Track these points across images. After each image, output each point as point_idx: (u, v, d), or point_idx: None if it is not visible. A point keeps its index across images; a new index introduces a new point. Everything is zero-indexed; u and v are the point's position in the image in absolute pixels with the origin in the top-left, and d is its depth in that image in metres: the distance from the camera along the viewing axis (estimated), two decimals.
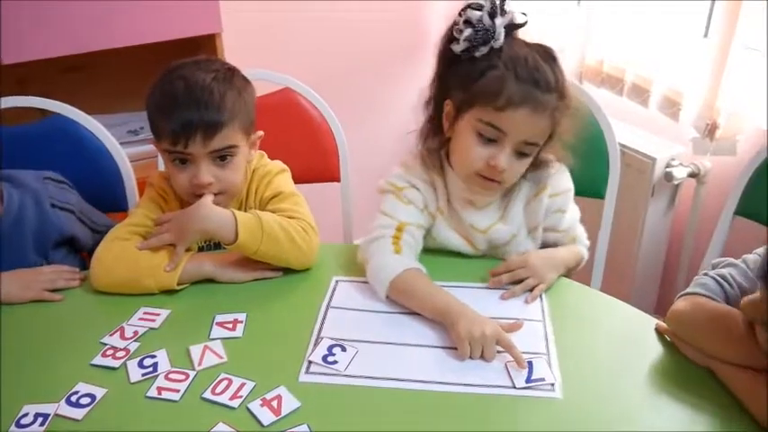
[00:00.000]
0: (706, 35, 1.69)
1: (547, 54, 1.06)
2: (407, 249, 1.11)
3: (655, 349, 0.96)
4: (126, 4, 1.59)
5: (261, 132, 1.21)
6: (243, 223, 1.08)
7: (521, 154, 1.07)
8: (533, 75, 1.02)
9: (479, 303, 1.04)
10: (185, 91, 1.09)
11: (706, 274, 0.95)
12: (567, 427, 0.84)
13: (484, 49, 1.04)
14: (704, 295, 0.91)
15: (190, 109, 1.07)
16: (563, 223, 1.21)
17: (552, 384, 0.90)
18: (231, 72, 1.16)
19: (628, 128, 1.86)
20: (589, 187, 1.52)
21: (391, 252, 1.10)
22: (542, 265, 1.10)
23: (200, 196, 1.12)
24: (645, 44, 1.78)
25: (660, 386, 0.90)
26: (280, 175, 1.23)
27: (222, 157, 1.12)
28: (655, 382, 0.91)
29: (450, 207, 1.18)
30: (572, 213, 1.24)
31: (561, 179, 1.20)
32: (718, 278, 0.93)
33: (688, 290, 0.95)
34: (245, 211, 1.20)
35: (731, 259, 0.95)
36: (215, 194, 1.13)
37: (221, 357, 0.96)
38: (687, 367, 0.92)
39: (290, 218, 1.14)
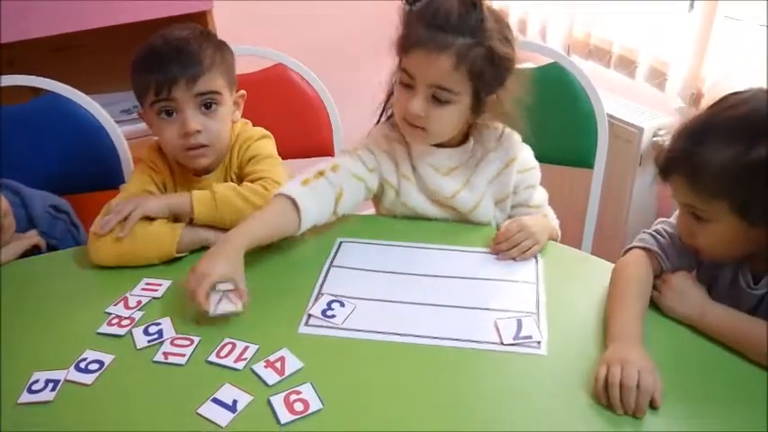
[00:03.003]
0: (691, 7, 1.71)
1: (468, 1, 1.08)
2: (317, 186, 1.12)
3: None
4: None
5: (243, 92, 1.24)
6: (197, 198, 1.12)
7: (437, 100, 1.09)
8: (437, 18, 1.06)
9: (477, 266, 1.10)
10: (164, 45, 1.12)
11: (645, 232, 1.07)
12: (550, 381, 0.88)
13: (420, 4, 1.09)
14: (641, 247, 1.04)
15: (171, 59, 1.11)
16: (533, 200, 1.26)
17: (539, 342, 0.94)
18: (207, 32, 1.20)
19: (615, 99, 1.89)
20: (578, 158, 1.55)
21: (298, 182, 1.11)
22: (537, 228, 1.14)
23: (190, 150, 1.14)
24: (631, 16, 1.81)
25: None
26: (261, 140, 1.25)
27: (207, 104, 1.14)
28: None
29: (416, 174, 1.21)
30: (541, 193, 1.29)
31: (528, 157, 1.25)
32: (653, 233, 1.06)
33: (631, 245, 1.06)
34: (230, 175, 1.23)
35: (664, 218, 1.08)
36: (202, 146, 1.15)
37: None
38: (670, 327, 0.96)
39: (258, 178, 1.16)
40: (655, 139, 1.79)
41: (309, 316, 1.00)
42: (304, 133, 1.61)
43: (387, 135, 1.22)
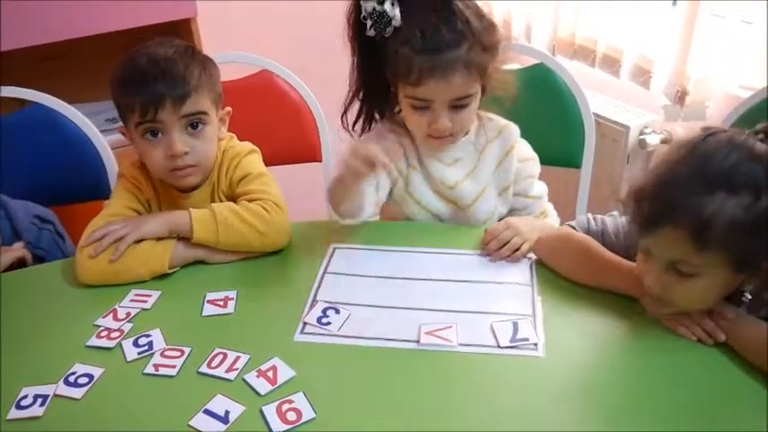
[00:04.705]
0: (674, 3, 1.72)
1: (444, 6, 1.08)
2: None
3: (634, 310, 0.99)
4: None
5: (229, 108, 1.22)
6: (197, 218, 1.10)
7: (458, 107, 1.12)
8: (431, 43, 1.07)
9: (472, 270, 1.10)
10: (149, 64, 1.09)
11: (587, 215, 1.09)
12: (547, 383, 0.88)
13: (390, 30, 1.09)
14: (570, 226, 1.07)
15: (156, 79, 1.08)
16: (533, 189, 1.28)
17: (535, 344, 0.94)
18: (191, 48, 1.17)
19: (601, 98, 1.90)
20: (566, 157, 1.56)
21: None
22: (524, 226, 1.14)
23: (176, 170, 1.13)
24: (615, 15, 1.82)
25: (639, 346, 0.93)
26: (249, 156, 1.23)
27: (194, 125, 1.12)
28: (634, 342, 0.94)
29: (422, 166, 1.23)
30: (541, 186, 1.31)
31: (526, 148, 1.27)
32: (590, 216, 1.08)
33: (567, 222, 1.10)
34: (217, 193, 1.21)
35: (615, 213, 1.08)
36: (189, 167, 1.13)
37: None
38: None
39: (256, 199, 1.14)
40: (641, 137, 1.80)
41: (305, 324, 0.99)
42: (291, 139, 1.60)
43: (393, 130, 1.24)
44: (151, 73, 1.08)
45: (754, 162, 0.81)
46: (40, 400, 0.87)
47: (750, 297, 0.90)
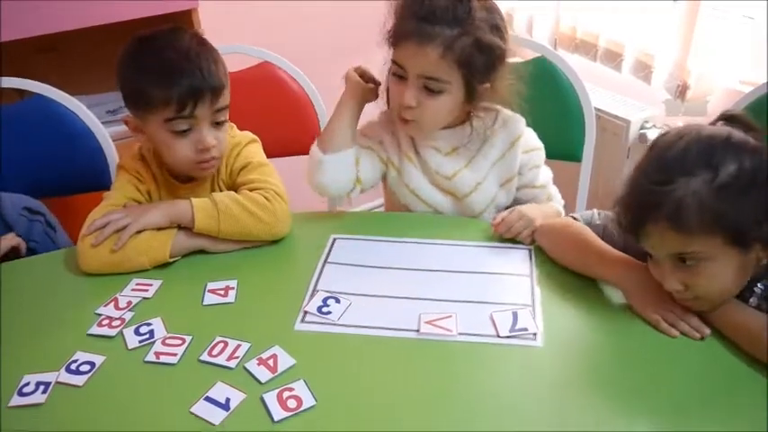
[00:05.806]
0: None
1: None
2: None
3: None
4: None
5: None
6: (198, 207, 1.11)
7: (429, 90, 1.13)
8: (425, 13, 1.10)
9: (471, 260, 1.11)
10: (181, 58, 1.09)
11: (593, 209, 1.11)
12: (546, 373, 0.88)
13: None
14: (573, 217, 1.09)
15: (194, 74, 1.08)
16: (539, 179, 1.29)
17: (534, 334, 0.94)
18: (202, 39, 1.17)
19: (602, 92, 1.90)
20: (566, 151, 1.56)
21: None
22: (538, 217, 1.15)
23: (203, 163, 1.13)
24: (616, 9, 1.82)
25: (637, 335, 0.93)
26: (249, 146, 1.23)
27: (219, 119, 1.13)
28: (632, 332, 0.94)
29: (419, 156, 1.24)
30: (546, 171, 1.32)
31: (532, 137, 1.27)
32: (595, 211, 1.09)
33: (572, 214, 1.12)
34: (218, 183, 1.22)
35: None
36: (214, 159, 1.14)
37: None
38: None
39: (257, 188, 1.15)
40: (642, 131, 1.80)
41: (305, 313, 0.99)
42: (291, 131, 1.60)
43: (391, 119, 1.25)
44: (188, 69, 1.08)
45: (701, 142, 0.85)
46: (42, 388, 0.87)
47: (762, 288, 0.91)
